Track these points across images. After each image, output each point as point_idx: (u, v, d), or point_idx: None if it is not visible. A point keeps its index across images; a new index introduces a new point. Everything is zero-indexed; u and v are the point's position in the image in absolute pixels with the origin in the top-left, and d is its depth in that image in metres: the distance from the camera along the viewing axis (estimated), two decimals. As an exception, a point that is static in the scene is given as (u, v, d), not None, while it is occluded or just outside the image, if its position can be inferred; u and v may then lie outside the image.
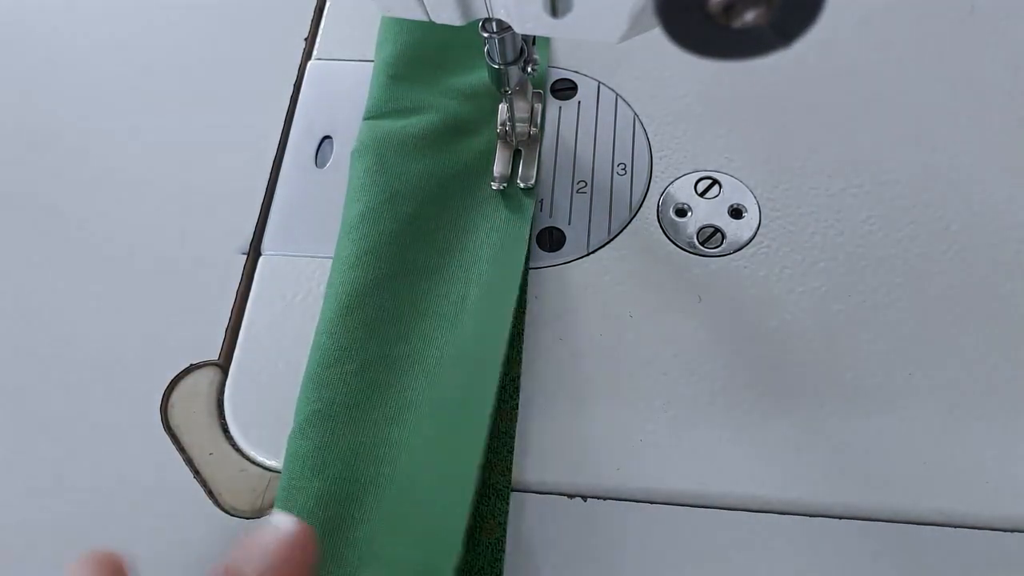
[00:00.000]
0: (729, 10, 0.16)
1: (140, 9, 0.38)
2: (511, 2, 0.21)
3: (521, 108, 0.30)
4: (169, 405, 0.28)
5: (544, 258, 0.30)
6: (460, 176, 0.31)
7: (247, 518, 0.26)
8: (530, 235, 0.30)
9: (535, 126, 0.31)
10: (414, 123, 0.32)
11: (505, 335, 0.27)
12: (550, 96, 0.34)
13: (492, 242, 0.30)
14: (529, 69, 0.28)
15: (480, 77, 0.33)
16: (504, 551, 0.25)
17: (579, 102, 0.33)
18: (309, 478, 0.25)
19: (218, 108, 0.35)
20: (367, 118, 0.33)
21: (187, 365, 0.29)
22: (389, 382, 0.27)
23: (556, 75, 0.34)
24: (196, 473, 0.27)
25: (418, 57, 0.34)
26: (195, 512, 0.26)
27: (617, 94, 0.33)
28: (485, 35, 0.26)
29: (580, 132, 0.33)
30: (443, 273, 0.29)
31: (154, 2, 0.38)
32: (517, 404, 0.27)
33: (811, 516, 0.25)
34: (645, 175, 0.31)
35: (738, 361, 0.27)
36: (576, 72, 0.34)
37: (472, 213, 0.30)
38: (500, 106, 0.30)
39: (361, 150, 0.31)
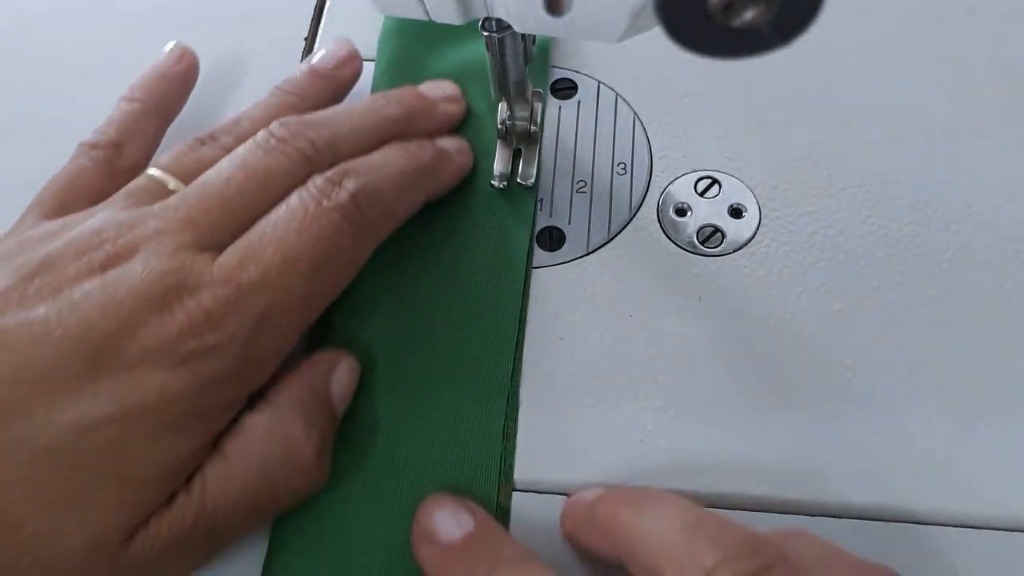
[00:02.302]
0: (729, 9, 0.16)
1: (139, 9, 0.38)
2: (511, 1, 0.21)
3: (521, 107, 0.30)
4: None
5: (544, 258, 0.30)
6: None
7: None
8: (531, 235, 0.30)
9: (535, 125, 0.31)
10: None
11: (509, 365, 0.27)
12: (550, 96, 0.34)
13: (488, 261, 0.29)
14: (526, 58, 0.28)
15: (480, 69, 0.33)
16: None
17: (579, 102, 0.33)
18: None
19: (218, 108, 0.35)
20: None
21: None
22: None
23: (556, 75, 0.34)
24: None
25: (419, 47, 0.34)
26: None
27: (617, 94, 0.33)
28: (485, 34, 0.26)
29: (580, 132, 0.33)
30: (439, 287, 0.29)
31: (153, 3, 0.38)
32: (517, 404, 0.27)
33: (811, 516, 0.25)
34: (645, 175, 0.31)
35: (738, 361, 0.27)
36: (576, 72, 0.34)
37: (471, 214, 0.30)
38: (500, 104, 0.30)
39: None
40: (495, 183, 0.31)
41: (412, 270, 0.29)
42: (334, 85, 0.32)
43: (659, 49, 0.24)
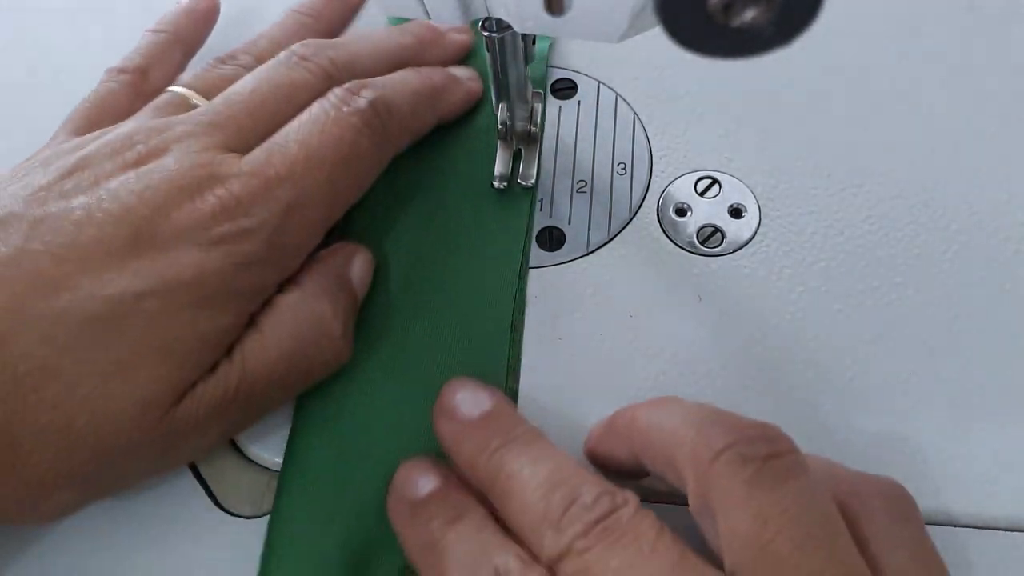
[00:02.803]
0: (729, 9, 0.16)
1: (138, 13, 0.38)
2: (511, 1, 0.21)
3: (521, 107, 0.30)
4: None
5: (544, 258, 0.30)
6: (459, 173, 0.31)
7: (247, 518, 0.26)
8: (531, 235, 0.30)
9: (535, 125, 0.31)
10: None
11: (515, 275, 0.29)
12: (550, 96, 0.34)
13: (487, 261, 0.30)
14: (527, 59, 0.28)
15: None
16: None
17: (579, 102, 0.33)
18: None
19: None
20: None
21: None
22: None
23: (556, 75, 0.34)
24: (196, 473, 0.27)
25: None
26: (195, 512, 0.26)
27: (617, 94, 0.33)
28: (485, 34, 0.26)
29: (580, 132, 0.33)
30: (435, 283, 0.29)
31: (152, 5, 0.38)
32: (515, 404, 0.27)
33: (811, 516, 0.25)
34: (645, 175, 0.31)
35: (738, 361, 0.27)
36: (576, 72, 0.34)
37: (471, 214, 0.30)
38: (500, 105, 0.30)
39: None
40: (495, 184, 0.31)
41: (412, 273, 0.29)
42: (347, 8, 0.34)
43: (659, 49, 0.24)
